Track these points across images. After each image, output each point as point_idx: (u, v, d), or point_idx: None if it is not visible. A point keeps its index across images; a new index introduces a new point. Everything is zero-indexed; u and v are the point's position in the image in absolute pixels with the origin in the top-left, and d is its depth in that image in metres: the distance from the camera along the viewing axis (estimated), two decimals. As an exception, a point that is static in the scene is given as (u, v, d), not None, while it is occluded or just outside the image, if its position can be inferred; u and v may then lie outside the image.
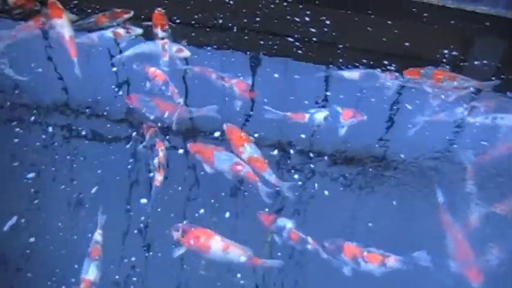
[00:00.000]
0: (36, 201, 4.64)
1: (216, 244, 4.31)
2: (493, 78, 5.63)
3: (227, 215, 4.54)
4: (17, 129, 5.10)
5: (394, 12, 6.26)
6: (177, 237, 4.36)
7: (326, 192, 4.72)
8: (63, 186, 4.73)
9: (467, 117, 5.30)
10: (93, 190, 4.71)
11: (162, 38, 5.68)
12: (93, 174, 4.80)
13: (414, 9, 6.33)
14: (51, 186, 4.74)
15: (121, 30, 5.83)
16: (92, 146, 5.05)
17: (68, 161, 4.90)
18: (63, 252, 4.39)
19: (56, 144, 5.03)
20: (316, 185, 4.76)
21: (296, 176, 4.81)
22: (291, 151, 4.98)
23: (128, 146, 5.00)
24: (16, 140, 5.01)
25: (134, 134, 5.05)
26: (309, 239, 4.34)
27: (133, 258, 4.32)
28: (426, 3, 6.36)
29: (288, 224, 4.45)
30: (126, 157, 4.93)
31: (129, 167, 4.87)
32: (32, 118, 5.18)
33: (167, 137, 5.01)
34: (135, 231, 4.47)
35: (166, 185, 4.69)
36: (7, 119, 5.20)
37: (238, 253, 4.26)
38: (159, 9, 5.93)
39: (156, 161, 4.77)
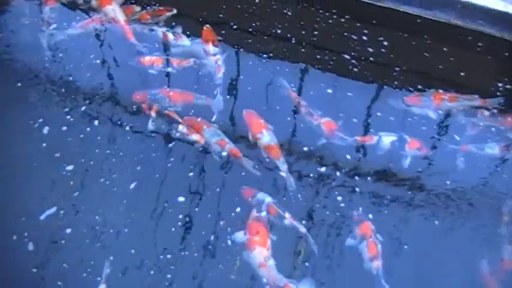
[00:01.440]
0: (75, 194, 4.61)
1: (259, 254, 4.24)
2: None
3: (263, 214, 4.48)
4: (69, 117, 5.10)
5: (449, 39, 6.06)
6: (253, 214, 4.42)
7: (370, 216, 4.61)
8: (102, 180, 4.69)
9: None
10: (132, 186, 4.67)
11: (214, 55, 5.53)
12: (133, 170, 4.76)
13: (469, 38, 6.10)
14: (91, 179, 4.71)
15: (170, 34, 5.70)
16: (133, 141, 5.00)
17: (109, 155, 4.87)
18: (98, 245, 4.38)
19: (98, 137, 5.01)
20: (360, 208, 4.66)
21: (339, 198, 4.72)
22: (338, 171, 4.90)
23: (170, 144, 4.95)
24: (64, 128, 4.99)
25: (177, 133, 4.98)
26: (287, 215, 4.45)
27: (168, 256, 4.32)
28: (482, 33, 6.12)
29: (267, 198, 4.53)
30: (167, 155, 4.90)
31: (169, 165, 4.82)
32: (82, 109, 5.18)
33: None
34: (173, 229, 4.46)
35: (203, 186, 4.68)
36: (59, 106, 5.19)
37: (269, 276, 4.17)
38: (207, 25, 5.77)
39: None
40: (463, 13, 6.03)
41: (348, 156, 4.97)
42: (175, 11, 5.93)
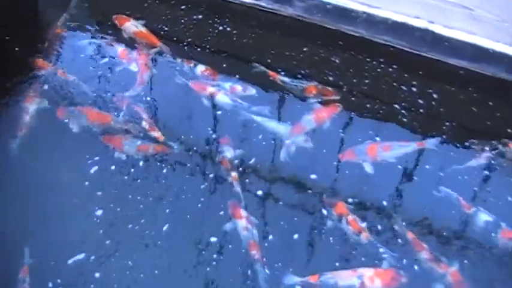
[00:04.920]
0: (107, 239, 4.42)
1: None
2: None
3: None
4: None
5: (494, 93, 5.79)
6: None
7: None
8: (131, 225, 4.49)
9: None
10: (165, 228, 4.49)
11: None
12: (163, 213, 4.57)
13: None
14: (123, 222, 4.52)
15: (238, 87, 5.50)
16: (160, 184, 4.79)
17: (137, 200, 4.65)
18: None
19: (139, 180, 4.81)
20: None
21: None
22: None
23: (202, 185, 4.78)
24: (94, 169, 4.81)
25: (211, 175, 4.84)
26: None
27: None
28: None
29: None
30: (198, 195, 4.70)
31: (200, 205, 4.62)
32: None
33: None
34: (207, 269, 4.27)
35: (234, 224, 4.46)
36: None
37: None
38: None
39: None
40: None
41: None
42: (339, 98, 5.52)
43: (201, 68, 5.66)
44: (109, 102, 5.30)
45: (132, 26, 5.96)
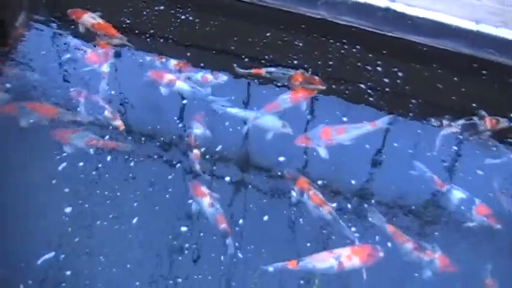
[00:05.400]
0: (76, 236, 4.29)
1: None
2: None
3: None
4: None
5: (458, 69, 5.84)
6: None
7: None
8: (99, 222, 4.37)
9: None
10: (134, 221, 4.39)
11: None
12: (131, 207, 4.48)
13: (475, 65, 5.84)
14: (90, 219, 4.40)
15: (209, 76, 5.40)
16: (126, 178, 4.69)
17: (104, 195, 4.54)
18: (99, 285, 4.07)
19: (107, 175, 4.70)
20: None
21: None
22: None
23: (169, 176, 4.70)
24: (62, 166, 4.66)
25: (178, 165, 4.78)
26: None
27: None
28: (487, 60, 5.86)
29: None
30: (165, 187, 4.62)
31: (167, 196, 4.55)
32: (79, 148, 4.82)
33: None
34: (180, 258, 4.21)
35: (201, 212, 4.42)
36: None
37: None
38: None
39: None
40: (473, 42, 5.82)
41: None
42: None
43: (173, 62, 5.55)
44: (68, 96, 5.18)
45: (89, 19, 5.84)
